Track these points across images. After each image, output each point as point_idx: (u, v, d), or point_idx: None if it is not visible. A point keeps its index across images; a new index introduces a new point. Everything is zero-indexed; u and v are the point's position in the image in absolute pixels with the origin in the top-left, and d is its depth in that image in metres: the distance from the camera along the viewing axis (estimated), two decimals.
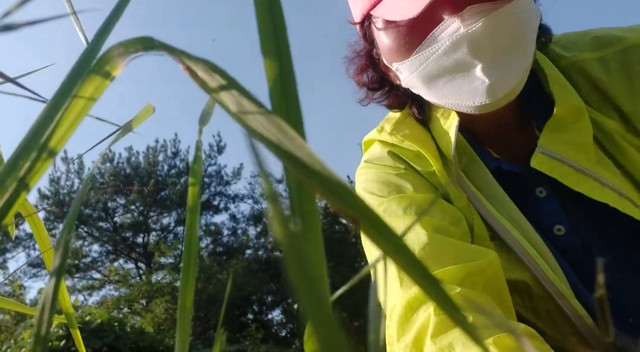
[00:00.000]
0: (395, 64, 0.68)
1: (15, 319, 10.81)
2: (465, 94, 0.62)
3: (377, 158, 0.76)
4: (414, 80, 0.67)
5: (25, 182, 0.16)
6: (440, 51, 0.61)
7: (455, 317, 0.13)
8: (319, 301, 0.12)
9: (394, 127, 0.77)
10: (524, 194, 0.71)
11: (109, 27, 0.17)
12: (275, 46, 0.17)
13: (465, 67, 0.60)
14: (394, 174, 0.72)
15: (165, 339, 6.63)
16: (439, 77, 0.63)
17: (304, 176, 0.14)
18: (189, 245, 0.22)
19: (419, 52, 0.64)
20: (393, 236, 0.14)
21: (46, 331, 0.15)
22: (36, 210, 0.37)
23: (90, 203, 15.71)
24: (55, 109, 0.16)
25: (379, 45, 0.71)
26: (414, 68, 0.65)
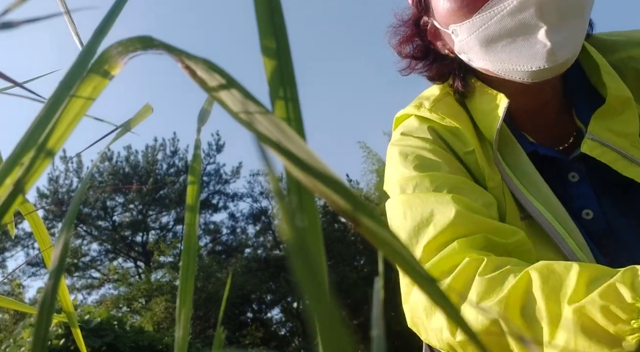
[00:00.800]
0: (452, 26, 0.69)
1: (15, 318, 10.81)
2: (524, 58, 0.63)
3: (415, 130, 0.76)
4: (471, 42, 0.67)
5: (24, 181, 0.16)
6: (506, 11, 0.61)
7: (449, 311, 0.14)
8: (322, 298, 0.12)
9: (434, 104, 0.77)
10: (556, 178, 0.72)
11: (107, 25, 0.17)
12: (275, 45, 0.17)
13: (528, 29, 0.61)
14: (431, 150, 0.72)
15: (165, 337, 6.63)
16: (499, 39, 0.64)
17: (303, 174, 0.14)
18: (188, 244, 0.22)
19: (482, 12, 0.64)
20: (391, 235, 0.14)
21: (45, 329, 0.15)
22: (35, 208, 0.37)
23: (89, 202, 15.70)
24: (54, 108, 0.16)
25: (436, 9, 0.71)
26: (474, 29, 0.65)
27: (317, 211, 0.16)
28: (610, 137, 0.68)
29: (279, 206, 0.13)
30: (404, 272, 0.14)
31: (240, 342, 13.33)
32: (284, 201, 0.13)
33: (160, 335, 6.78)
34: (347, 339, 0.12)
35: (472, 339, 0.13)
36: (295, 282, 0.12)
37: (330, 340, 0.12)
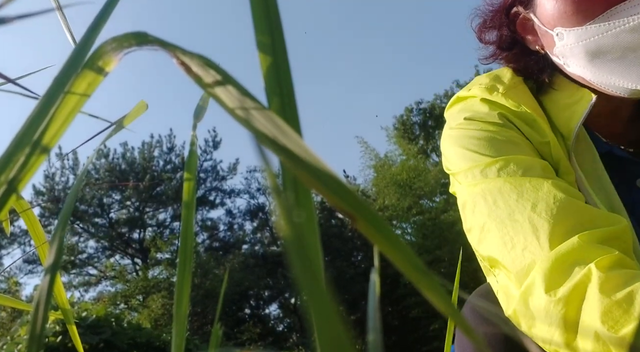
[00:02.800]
0: (559, 29, 0.65)
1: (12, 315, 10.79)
2: (631, 76, 0.60)
3: (485, 116, 0.69)
4: (576, 50, 0.64)
5: (19, 178, 0.15)
6: (626, 27, 0.59)
7: (454, 317, 0.14)
8: (319, 293, 0.12)
9: (508, 90, 0.72)
10: (624, 182, 0.70)
11: (101, 21, 0.17)
12: (270, 40, 0.17)
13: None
14: (506, 134, 0.67)
15: (163, 334, 6.63)
16: (609, 52, 0.61)
17: (299, 170, 0.14)
18: (185, 240, 0.22)
19: (599, 22, 0.61)
20: (389, 231, 0.14)
21: (42, 327, 0.15)
22: (31, 206, 0.37)
23: (86, 199, 15.66)
24: (48, 105, 0.16)
25: (541, 6, 0.68)
26: (584, 37, 0.62)
27: (314, 206, 0.16)
28: None
29: (277, 202, 0.13)
30: (401, 267, 0.14)
31: (238, 338, 13.36)
32: (281, 197, 0.13)
33: (158, 332, 6.79)
34: (345, 334, 0.12)
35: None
36: (292, 278, 0.12)
37: (327, 336, 0.12)
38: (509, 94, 0.71)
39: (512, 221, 0.58)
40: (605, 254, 0.52)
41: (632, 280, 0.49)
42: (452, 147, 0.71)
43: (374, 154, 13.51)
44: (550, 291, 0.52)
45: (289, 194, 0.16)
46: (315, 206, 0.17)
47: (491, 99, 0.72)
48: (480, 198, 0.63)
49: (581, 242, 0.53)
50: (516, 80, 0.74)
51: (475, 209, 0.64)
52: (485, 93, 0.72)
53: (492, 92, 0.72)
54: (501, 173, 0.62)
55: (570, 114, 0.68)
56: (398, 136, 14.30)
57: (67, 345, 4.93)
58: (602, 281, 0.49)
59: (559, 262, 0.53)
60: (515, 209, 0.59)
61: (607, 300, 0.48)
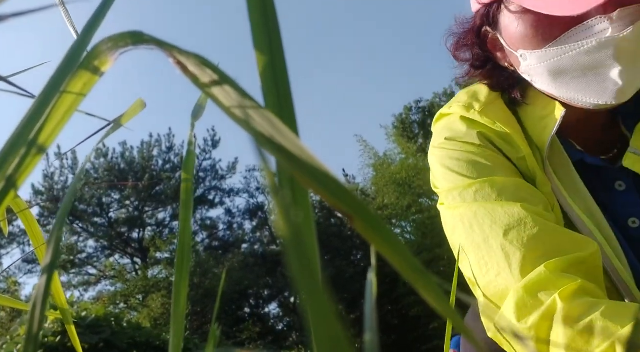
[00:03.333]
0: (522, 50, 0.68)
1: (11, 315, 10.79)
2: (592, 92, 0.63)
3: (462, 135, 0.73)
4: (539, 70, 0.67)
5: (15, 178, 0.15)
6: (582, 49, 0.61)
7: (456, 322, 0.14)
8: (316, 293, 0.12)
9: (484, 107, 0.75)
10: (603, 186, 0.73)
11: (97, 20, 0.17)
12: (267, 40, 0.17)
13: (602, 67, 0.61)
14: (483, 154, 0.71)
15: (162, 334, 6.64)
16: (569, 72, 0.64)
17: (296, 170, 0.14)
18: (183, 240, 0.22)
19: (557, 45, 0.63)
20: (386, 230, 0.14)
21: (38, 327, 0.15)
22: (29, 206, 0.36)
23: (85, 198, 15.65)
24: (44, 104, 0.16)
25: (505, 29, 0.70)
26: (544, 59, 0.65)
27: (311, 206, 0.16)
28: None
29: (275, 201, 0.13)
30: (398, 267, 0.14)
31: (237, 337, 13.36)
32: (279, 196, 0.13)
33: (158, 331, 6.79)
34: (342, 334, 0.12)
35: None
36: (291, 277, 0.12)
37: (325, 335, 0.12)
38: (485, 111, 0.74)
39: (486, 246, 0.63)
40: (569, 282, 0.56)
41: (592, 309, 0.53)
42: (435, 166, 0.75)
43: (373, 153, 13.51)
44: (521, 320, 0.57)
45: (287, 194, 0.16)
46: (313, 205, 0.17)
47: (469, 117, 0.75)
48: (459, 221, 0.67)
49: (547, 272, 0.58)
50: (493, 96, 0.77)
51: (455, 232, 0.68)
52: (463, 111, 0.76)
53: (469, 110, 0.75)
54: (477, 196, 0.67)
55: (543, 126, 0.71)
56: (397, 135, 14.30)
57: (66, 345, 4.93)
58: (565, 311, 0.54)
59: (528, 293, 0.57)
60: (489, 234, 0.63)
61: (570, 331, 0.52)
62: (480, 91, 0.79)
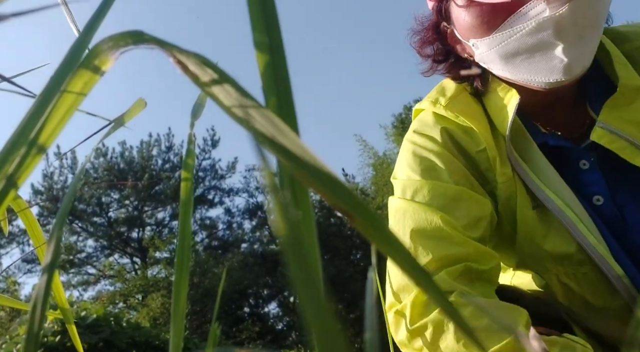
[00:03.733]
0: (472, 40, 0.72)
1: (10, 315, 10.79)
2: (542, 71, 0.67)
3: (428, 129, 0.79)
4: (491, 56, 0.71)
5: (15, 178, 0.15)
6: (524, 31, 0.65)
7: (449, 312, 0.14)
8: (315, 293, 0.12)
9: (449, 101, 0.79)
10: (567, 166, 0.76)
11: (98, 20, 0.17)
12: (268, 39, 0.17)
13: (546, 46, 0.64)
14: (438, 153, 0.76)
15: (162, 333, 6.64)
16: (518, 54, 0.67)
17: (297, 169, 0.14)
18: (182, 239, 0.22)
19: (501, 30, 0.67)
20: (386, 229, 0.14)
21: (39, 326, 0.15)
22: (29, 205, 0.36)
23: (84, 198, 15.64)
24: (44, 104, 0.16)
25: (456, 21, 0.74)
26: (493, 45, 0.69)
27: (311, 205, 0.16)
28: (620, 126, 0.70)
29: (274, 201, 0.13)
30: (398, 266, 0.14)
31: (237, 336, 13.36)
32: (278, 196, 0.13)
33: (157, 331, 6.79)
34: (340, 333, 0.12)
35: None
36: (290, 277, 0.12)
37: (323, 335, 0.12)
38: (450, 105, 0.79)
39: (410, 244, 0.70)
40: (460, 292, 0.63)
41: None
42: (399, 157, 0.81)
43: (373, 153, 13.51)
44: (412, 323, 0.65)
45: (287, 193, 0.16)
46: (313, 204, 0.17)
47: (437, 112, 0.80)
48: (394, 212, 0.74)
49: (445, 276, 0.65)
50: (459, 89, 0.81)
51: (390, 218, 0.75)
52: (431, 106, 0.81)
53: (435, 104, 0.80)
54: (415, 196, 0.73)
55: (504, 114, 0.75)
56: (397, 134, 14.30)
57: (66, 344, 4.93)
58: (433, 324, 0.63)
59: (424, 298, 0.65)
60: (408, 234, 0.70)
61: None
62: (447, 86, 0.82)
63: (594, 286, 0.73)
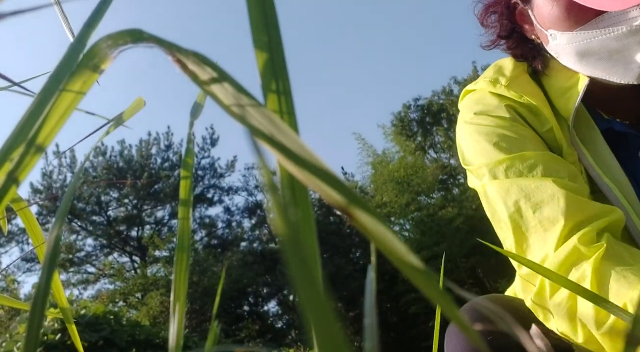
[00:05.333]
0: (552, 30, 0.71)
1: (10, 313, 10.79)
2: (617, 73, 0.67)
3: (493, 108, 0.75)
4: (567, 49, 0.70)
5: (14, 176, 0.15)
6: (612, 34, 0.64)
7: (450, 312, 0.14)
8: (314, 291, 0.12)
9: (511, 81, 0.77)
10: (626, 153, 0.76)
11: (96, 19, 0.17)
12: (267, 37, 0.17)
13: (628, 51, 0.64)
14: (512, 128, 0.73)
15: (161, 331, 6.64)
16: (596, 54, 0.67)
17: (296, 168, 0.14)
18: (181, 238, 0.22)
19: (587, 29, 0.66)
20: (386, 228, 0.14)
21: (39, 325, 0.15)
22: (28, 204, 0.36)
23: (84, 197, 15.63)
24: (43, 103, 0.16)
25: (537, 7, 0.73)
26: (574, 40, 0.68)
27: (311, 204, 0.16)
28: None
29: (272, 200, 0.13)
30: (397, 264, 0.14)
31: (237, 335, 13.38)
32: (276, 195, 0.13)
33: (157, 329, 6.79)
34: (340, 332, 0.12)
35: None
36: (289, 276, 0.12)
37: (323, 333, 0.12)
38: (512, 85, 0.76)
39: (523, 222, 0.66)
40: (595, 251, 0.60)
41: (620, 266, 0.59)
42: (465, 141, 0.77)
43: (372, 151, 13.50)
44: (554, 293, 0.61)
45: (286, 192, 0.16)
46: (312, 203, 0.17)
47: (497, 92, 0.77)
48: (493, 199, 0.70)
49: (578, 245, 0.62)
50: (519, 70, 0.79)
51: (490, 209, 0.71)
52: (490, 86, 0.78)
53: (495, 84, 0.77)
54: (509, 173, 0.69)
55: (568, 97, 0.74)
56: (396, 133, 14.29)
57: (66, 343, 4.94)
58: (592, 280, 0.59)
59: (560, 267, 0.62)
60: (525, 211, 0.66)
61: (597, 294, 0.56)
62: (505, 66, 0.80)
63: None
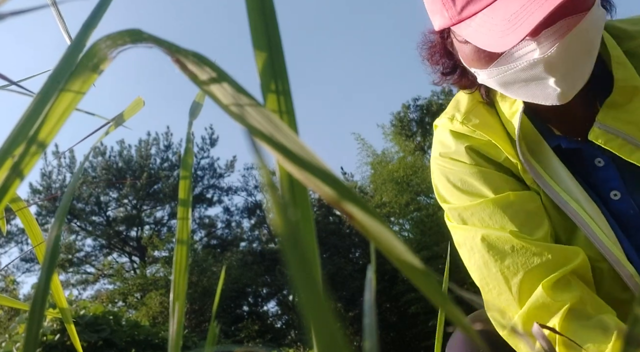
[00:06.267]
0: (473, 68, 0.76)
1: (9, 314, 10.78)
2: (539, 97, 0.71)
3: (452, 152, 0.83)
4: (491, 82, 0.76)
5: (14, 176, 0.15)
6: (518, 68, 0.69)
7: (455, 318, 0.14)
8: (314, 291, 0.12)
9: (465, 116, 0.83)
10: (583, 164, 0.79)
11: (95, 19, 0.17)
12: (266, 38, 0.17)
13: (539, 79, 0.69)
14: (473, 173, 0.80)
15: (161, 332, 6.64)
16: (515, 83, 0.72)
17: (295, 168, 0.14)
18: (181, 238, 0.22)
19: (497, 65, 0.72)
20: (385, 228, 0.14)
21: (38, 325, 0.15)
22: (27, 204, 0.36)
23: (83, 197, 15.62)
24: (43, 103, 0.16)
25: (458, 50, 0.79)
26: (491, 75, 0.74)
27: (310, 204, 0.16)
28: (618, 125, 0.73)
29: (272, 200, 0.13)
30: (397, 264, 0.14)
31: (236, 335, 13.37)
32: (276, 195, 0.13)
33: (156, 329, 6.79)
34: (339, 332, 0.12)
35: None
36: (289, 276, 0.12)
37: (323, 333, 0.12)
38: (466, 120, 0.82)
39: (487, 269, 0.75)
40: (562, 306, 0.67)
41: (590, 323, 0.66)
42: (436, 179, 0.85)
43: (371, 151, 13.50)
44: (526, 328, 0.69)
45: (285, 192, 0.16)
46: (312, 202, 0.17)
47: (455, 130, 0.83)
48: (462, 241, 0.79)
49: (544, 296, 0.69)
50: (474, 102, 0.84)
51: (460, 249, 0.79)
52: (449, 123, 0.84)
53: (452, 121, 0.84)
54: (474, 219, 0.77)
55: (513, 124, 0.79)
56: (395, 133, 14.29)
57: (65, 343, 4.93)
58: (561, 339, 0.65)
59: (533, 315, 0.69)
60: (488, 259, 0.74)
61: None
62: (461, 99, 0.86)
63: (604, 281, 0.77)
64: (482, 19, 0.68)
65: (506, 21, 0.65)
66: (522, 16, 0.63)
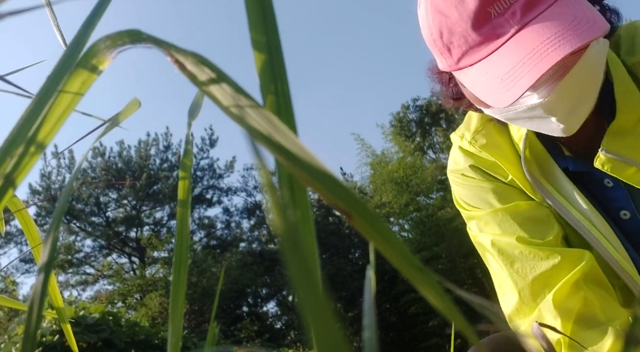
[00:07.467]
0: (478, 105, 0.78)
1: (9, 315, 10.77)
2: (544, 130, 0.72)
3: (461, 168, 0.86)
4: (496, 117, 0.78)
5: (13, 177, 0.15)
6: (520, 110, 0.70)
7: (455, 318, 0.14)
8: (314, 292, 0.12)
9: (473, 136, 0.85)
10: (593, 183, 0.81)
11: (94, 19, 0.17)
12: (265, 38, 0.17)
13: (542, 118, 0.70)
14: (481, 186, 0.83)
15: (160, 332, 6.64)
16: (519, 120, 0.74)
17: (295, 168, 0.14)
18: (180, 238, 0.22)
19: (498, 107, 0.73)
20: (385, 228, 0.14)
21: (36, 326, 0.15)
22: (25, 205, 0.36)
23: (83, 198, 15.62)
24: (42, 104, 0.16)
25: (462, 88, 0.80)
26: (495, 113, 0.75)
27: (310, 204, 0.16)
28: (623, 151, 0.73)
29: (271, 201, 0.13)
30: (397, 265, 0.14)
31: (235, 335, 13.37)
32: (275, 195, 0.13)
33: (156, 330, 6.79)
34: (339, 332, 0.12)
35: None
36: (288, 276, 0.12)
37: (322, 333, 0.12)
38: (474, 140, 0.85)
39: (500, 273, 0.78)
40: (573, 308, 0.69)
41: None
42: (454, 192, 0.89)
43: (371, 151, 13.50)
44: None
45: (285, 192, 0.16)
46: (311, 203, 0.17)
47: (462, 147, 0.86)
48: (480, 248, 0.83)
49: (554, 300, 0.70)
50: (484, 120, 0.86)
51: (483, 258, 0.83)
52: (459, 141, 0.87)
53: (462, 139, 0.86)
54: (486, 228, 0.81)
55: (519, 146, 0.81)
56: (395, 133, 14.29)
57: (64, 344, 4.93)
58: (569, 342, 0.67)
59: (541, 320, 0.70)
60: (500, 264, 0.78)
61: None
62: (472, 117, 0.88)
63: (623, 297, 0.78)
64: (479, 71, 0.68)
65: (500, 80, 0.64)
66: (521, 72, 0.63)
